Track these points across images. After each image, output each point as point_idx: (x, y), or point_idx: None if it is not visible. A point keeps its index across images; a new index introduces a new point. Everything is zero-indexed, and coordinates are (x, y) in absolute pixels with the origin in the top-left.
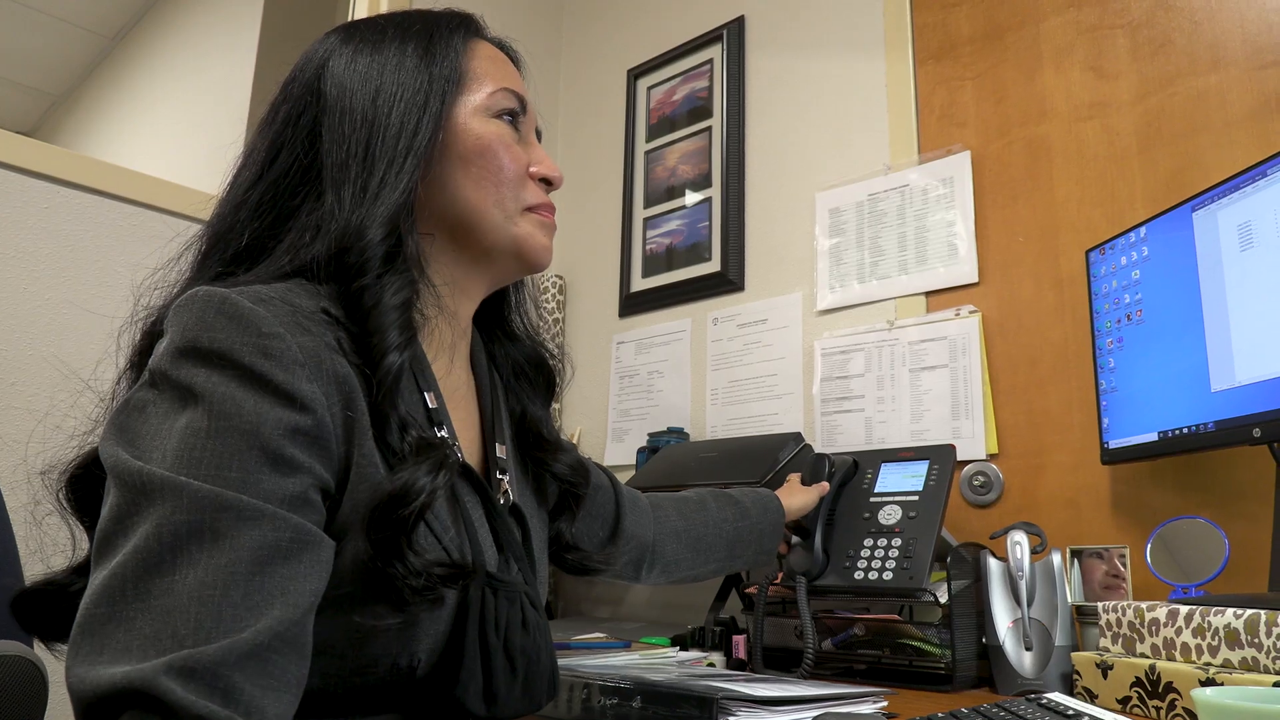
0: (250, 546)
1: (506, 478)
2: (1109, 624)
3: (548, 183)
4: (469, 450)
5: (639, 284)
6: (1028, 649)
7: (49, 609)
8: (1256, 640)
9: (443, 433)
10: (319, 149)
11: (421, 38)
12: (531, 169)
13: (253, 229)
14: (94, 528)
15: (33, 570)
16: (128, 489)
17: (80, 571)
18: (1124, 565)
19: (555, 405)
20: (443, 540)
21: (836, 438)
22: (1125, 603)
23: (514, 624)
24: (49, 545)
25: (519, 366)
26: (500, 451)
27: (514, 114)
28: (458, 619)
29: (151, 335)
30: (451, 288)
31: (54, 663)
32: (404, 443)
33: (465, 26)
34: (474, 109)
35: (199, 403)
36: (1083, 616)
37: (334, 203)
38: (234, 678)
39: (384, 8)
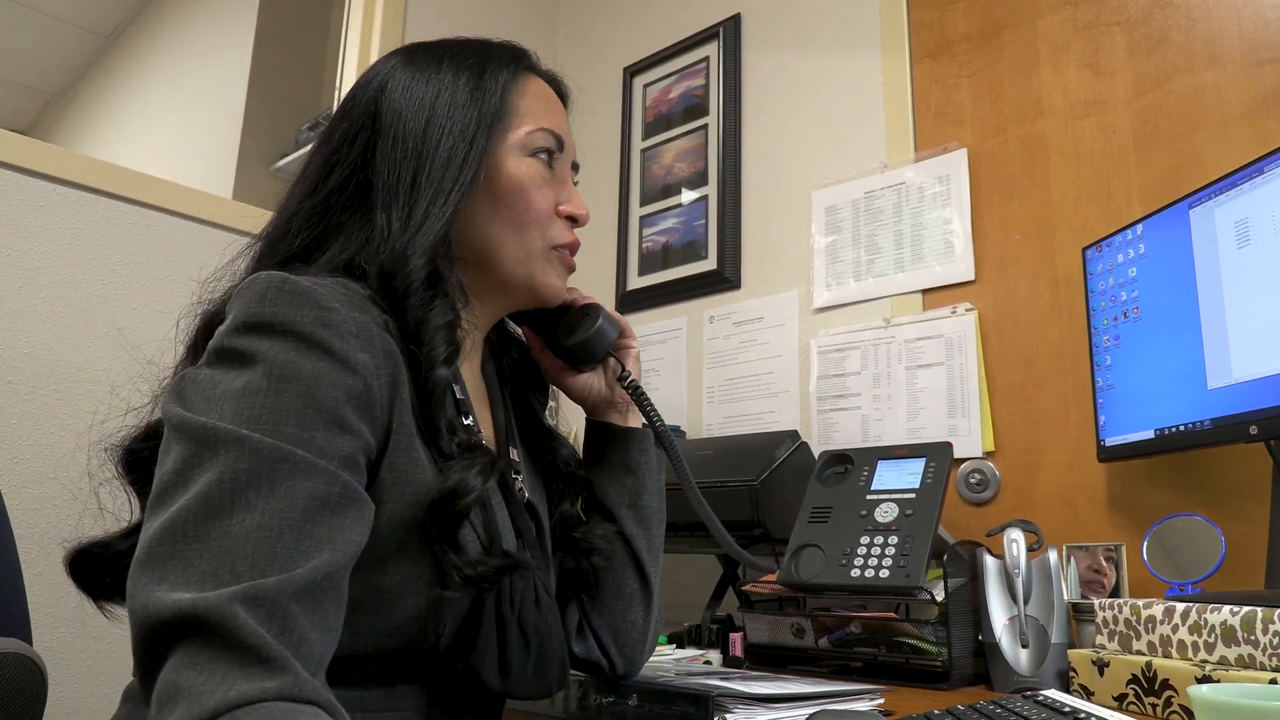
0: (304, 496)
1: (520, 477)
2: (1105, 621)
3: (574, 220)
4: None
5: (635, 282)
6: (1024, 646)
7: (100, 569)
8: (1253, 637)
9: (469, 420)
10: (371, 170)
11: (475, 71)
12: (560, 208)
13: (304, 236)
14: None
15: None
16: (192, 441)
17: (131, 535)
18: (1106, 560)
19: (552, 403)
20: (475, 527)
21: (833, 435)
22: (1122, 600)
23: (528, 601)
24: (109, 516)
25: (529, 375)
26: (514, 454)
27: (550, 152)
28: (476, 594)
29: (210, 320)
30: (472, 304)
31: (52, 660)
32: (452, 444)
33: (517, 61)
34: (511, 145)
35: (258, 365)
36: (1079, 614)
37: (383, 225)
38: (291, 608)
39: (380, 9)
